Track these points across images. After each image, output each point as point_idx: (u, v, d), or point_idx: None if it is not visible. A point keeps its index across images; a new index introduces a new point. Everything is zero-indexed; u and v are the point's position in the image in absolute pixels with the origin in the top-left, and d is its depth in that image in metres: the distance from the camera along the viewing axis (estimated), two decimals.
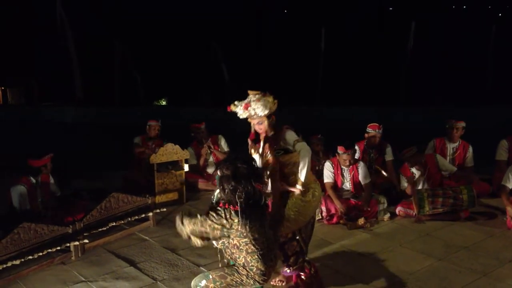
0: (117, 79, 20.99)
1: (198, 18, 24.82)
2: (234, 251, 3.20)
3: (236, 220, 3.09)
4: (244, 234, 3.12)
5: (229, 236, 3.16)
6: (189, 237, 3.18)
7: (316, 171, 6.16)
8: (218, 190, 3.33)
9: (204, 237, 3.17)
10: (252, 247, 3.15)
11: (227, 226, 3.10)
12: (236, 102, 3.82)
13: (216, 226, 3.10)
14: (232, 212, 3.10)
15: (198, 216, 3.14)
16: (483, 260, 4.56)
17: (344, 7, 27.21)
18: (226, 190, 3.15)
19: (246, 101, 3.80)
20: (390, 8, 30.61)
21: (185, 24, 24.85)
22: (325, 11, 26.24)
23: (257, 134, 3.99)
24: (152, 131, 7.45)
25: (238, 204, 3.09)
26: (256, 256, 3.15)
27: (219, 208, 3.13)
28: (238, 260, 3.20)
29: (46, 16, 22.63)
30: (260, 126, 3.89)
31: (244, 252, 3.17)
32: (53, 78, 24.72)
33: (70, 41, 20.34)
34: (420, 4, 26.27)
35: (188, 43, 24.17)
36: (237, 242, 3.17)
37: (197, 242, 3.19)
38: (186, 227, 3.14)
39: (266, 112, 3.79)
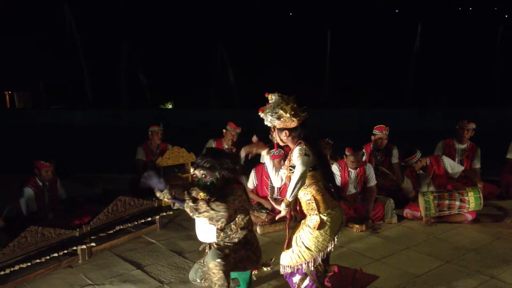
0: (124, 81, 21.03)
1: (203, 19, 24.90)
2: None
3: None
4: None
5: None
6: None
7: None
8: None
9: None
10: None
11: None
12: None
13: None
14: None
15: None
16: (491, 262, 4.53)
17: (349, 10, 27.22)
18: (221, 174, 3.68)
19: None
20: (396, 10, 30.56)
21: (189, 25, 24.93)
22: (331, 14, 26.28)
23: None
24: (155, 136, 6.95)
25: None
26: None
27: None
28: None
29: (53, 18, 22.75)
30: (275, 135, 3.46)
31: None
32: (60, 81, 24.85)
33: (78, 43, 20.41)
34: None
35: (194, 46, 24.22)
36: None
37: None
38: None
39: (274, 123, 3.29)
